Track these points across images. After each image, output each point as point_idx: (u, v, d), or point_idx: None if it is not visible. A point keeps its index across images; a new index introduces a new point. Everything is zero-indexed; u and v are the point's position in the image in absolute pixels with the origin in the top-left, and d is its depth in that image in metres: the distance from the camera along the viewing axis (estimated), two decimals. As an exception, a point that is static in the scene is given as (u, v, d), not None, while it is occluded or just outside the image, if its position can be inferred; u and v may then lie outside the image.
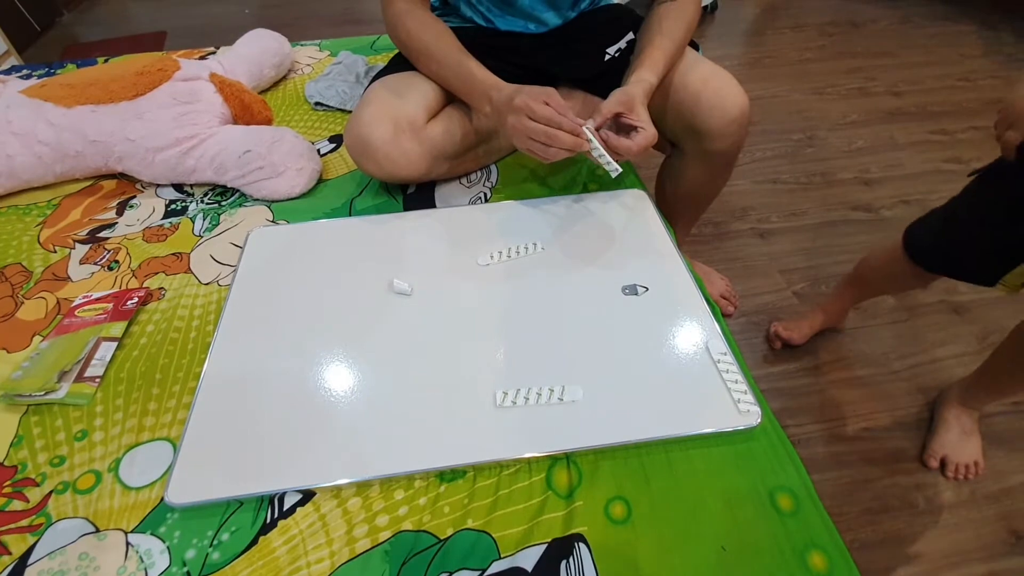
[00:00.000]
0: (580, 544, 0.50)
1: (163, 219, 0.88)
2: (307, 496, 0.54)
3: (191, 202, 0.91)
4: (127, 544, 0.52)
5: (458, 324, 0.68)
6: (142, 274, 0.79)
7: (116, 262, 0.81)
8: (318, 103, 1.11)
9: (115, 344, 0.68)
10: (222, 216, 0.88)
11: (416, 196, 0.89)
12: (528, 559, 0.49)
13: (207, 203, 0.91)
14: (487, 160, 0.93)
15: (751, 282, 1.31)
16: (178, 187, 0.94)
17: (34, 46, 2.52)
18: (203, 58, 1.18)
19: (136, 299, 0.73)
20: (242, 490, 0.54)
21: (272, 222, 0.86)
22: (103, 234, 0.86)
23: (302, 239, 0.81)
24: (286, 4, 2.83)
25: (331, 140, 1.03)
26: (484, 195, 0.88)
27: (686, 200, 0.99)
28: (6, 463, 0.58)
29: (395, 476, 0.55)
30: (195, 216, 0.88)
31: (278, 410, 0.60)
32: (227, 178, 0.89)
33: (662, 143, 0.91)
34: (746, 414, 0.57)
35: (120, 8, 2.94)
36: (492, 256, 0.75)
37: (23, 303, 0.76)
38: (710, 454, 0.56)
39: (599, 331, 0.66)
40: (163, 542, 0.52)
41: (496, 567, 0.49)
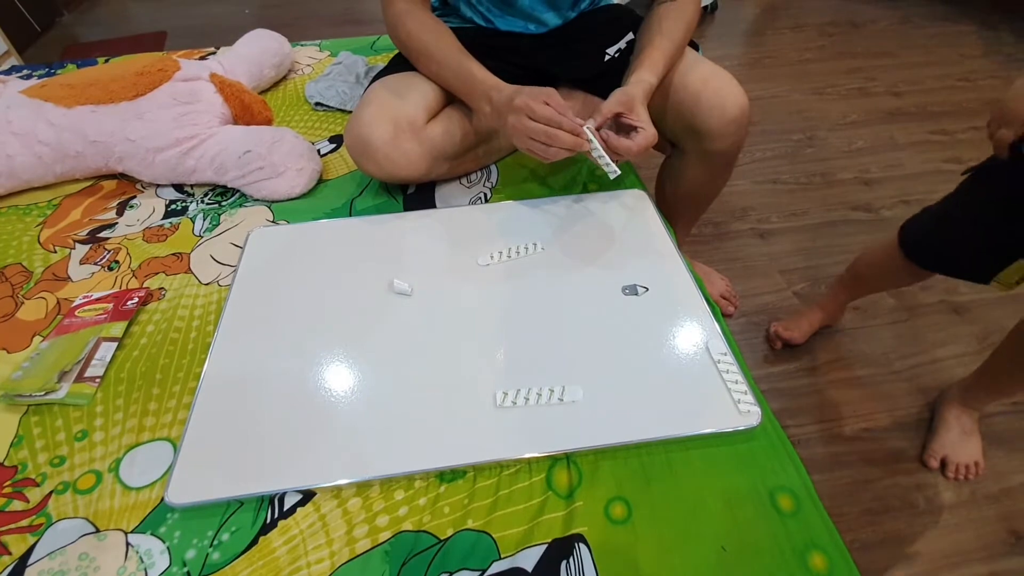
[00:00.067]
0: (580, 544, 0.50)
1: (163, 219, 0.88)
2: (307, 496, 0.54)
3: (191, 202, 0.91)
4: (127, 544, 0.52)
5: (458, 324, 0.68)
6: (142, 274, 0.79)
7: (116, 262, 0.81)
8: (318, 103, 1.11)
9: (115, 344, 0.68)
10: (222, 216, 0.88)
11: (416, 196, 0.89)
12: (528, 559, 0.49)
13: (207, 203, 0.91)
14: (487, 160, 0.93)
15: (751, 282, 1.31)
16: (178, 187, 0.94)
17: (34, 46, 2.52)
18: (203, 58, 1.18)
19: (136, 299, 0.73)
20: (242, 490, 0.54)
21: (272, 222, 0.86)
22: (103, 234, 0.86)
23: (302, 239, 0.81)
24: (286, 4, 2.83)
25: (331, 140, 1.03)
26: (484, 195, 0.88)
27: (686, 200, 1.00)
28: (6, 463, 0.58)
29: (395, 476, 0.55)
30: (195, 216, 0.88)
31: (278, 410, 0.60)
32: (227, 178, 0.89)
33: (662, 143, 0.91)
34: (746, 414, 0.57)
35: (120, 8, 2.94)
36: (492, 256, 0.75)
37: (23, 303, 0.76)
38: (710, 454, 0.56)
39: (599, 331, 0.66)
40: (163, 542, 0.52)
41: (496, 567, 0.49)
